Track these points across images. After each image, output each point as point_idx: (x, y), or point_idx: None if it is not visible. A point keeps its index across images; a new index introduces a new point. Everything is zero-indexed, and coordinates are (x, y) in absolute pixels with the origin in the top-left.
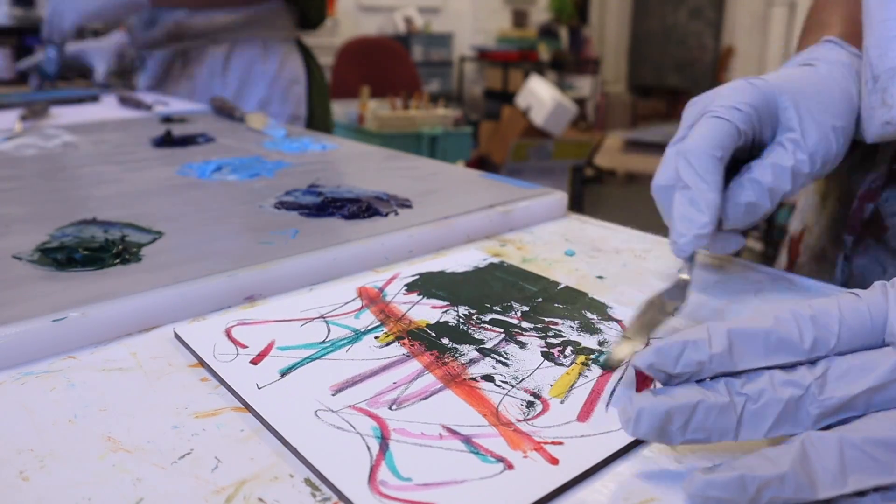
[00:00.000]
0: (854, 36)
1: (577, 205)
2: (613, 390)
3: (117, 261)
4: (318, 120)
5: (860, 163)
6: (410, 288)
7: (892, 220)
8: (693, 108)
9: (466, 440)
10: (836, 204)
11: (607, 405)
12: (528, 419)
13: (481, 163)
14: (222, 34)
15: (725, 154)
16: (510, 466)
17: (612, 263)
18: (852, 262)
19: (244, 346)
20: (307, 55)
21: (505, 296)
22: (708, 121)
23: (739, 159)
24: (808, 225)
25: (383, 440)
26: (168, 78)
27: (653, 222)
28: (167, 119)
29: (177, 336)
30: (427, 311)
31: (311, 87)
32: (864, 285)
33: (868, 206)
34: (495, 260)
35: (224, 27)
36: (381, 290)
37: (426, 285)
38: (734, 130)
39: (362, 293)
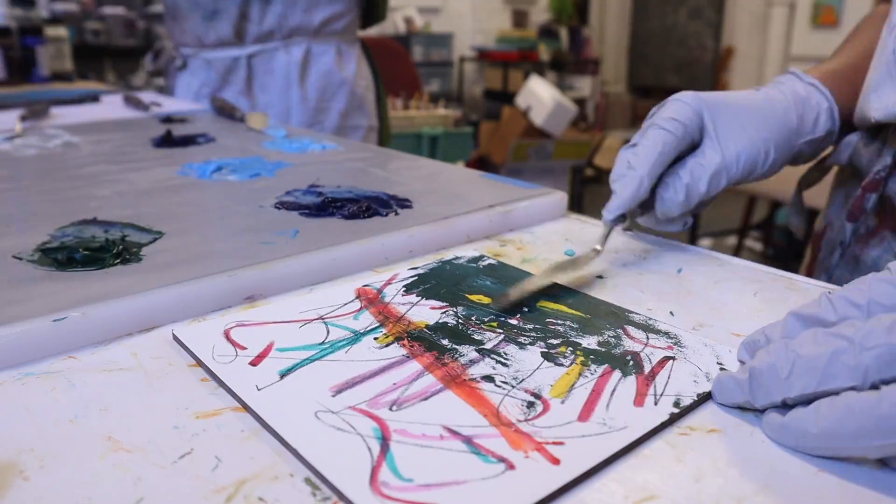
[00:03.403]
0: (851, 68)
1: (577, 205)
2: (614, 390)
3: (117, 261)
4: (385, 130)
5: (877, 154)
6: (409, 288)
7: None
8: (647, 120)
9: (467, 440)
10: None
11: (608, 405)
12: (529, 419)
13: (481, 163)
14: (296, 37)
15: (664, 153)
16: (511, 467)
17: (613, 263)
18: (864, 253)
19: (243, 348)
20: (370, 57)
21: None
22: (654, 130)
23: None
24: (830, 221)
25: (384, 441)
26: (226, 86)
27: None
28: (167, 119)
29: (175, 338)
30: (426, 312)
31: (378, 93)
32: None
33: (870, 195)
34: (494, 261)
35: (298, 28)
36: (380, 290)
37: (425, 286)
38: (672, 137)
39: (361, 294)
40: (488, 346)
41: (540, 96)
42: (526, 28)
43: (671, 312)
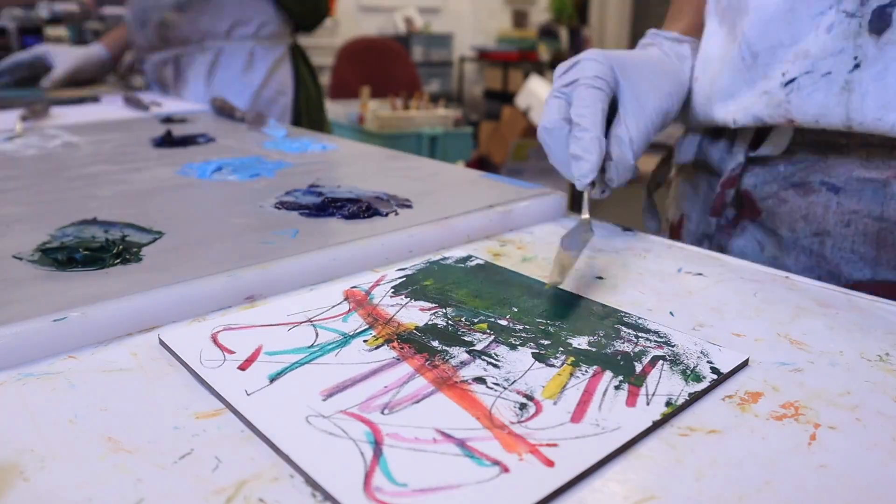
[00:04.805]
0: (698, 27)
1: (577, 205)
2: (606, 391)
3: (117, 261)
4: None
5: (726, 152)
6: (397, 290)
7: (765, 204)
8: (563, 77)
9: (461, 444)
10: (708, 191)
11: (600, 406)
12: (522, 421)
13: (481, 163)
14: (209, 41)
15: (604, 111)
16: (506, 469)
17: (612, 263)
18: (730, 242)
19: (231, 352)
20: (302, 62)
21: (494, 297)
22: (587, 90)
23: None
24: (685, 212)
25: (377, 445)
26: (164, 83)
27: None
28: (167, 119)
29: (162, 343)
30: (415, 314)
31: (299, 97)
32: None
33: (729, 192)
34: (481, 261)
35: (209, 33)
36: (368, 292)
37: (413, 287)
38: (604, 95)
39: (349, 296)
40: (479, 347)
41: (540, 96)
42: (526, 28)
43: (671, 312)
